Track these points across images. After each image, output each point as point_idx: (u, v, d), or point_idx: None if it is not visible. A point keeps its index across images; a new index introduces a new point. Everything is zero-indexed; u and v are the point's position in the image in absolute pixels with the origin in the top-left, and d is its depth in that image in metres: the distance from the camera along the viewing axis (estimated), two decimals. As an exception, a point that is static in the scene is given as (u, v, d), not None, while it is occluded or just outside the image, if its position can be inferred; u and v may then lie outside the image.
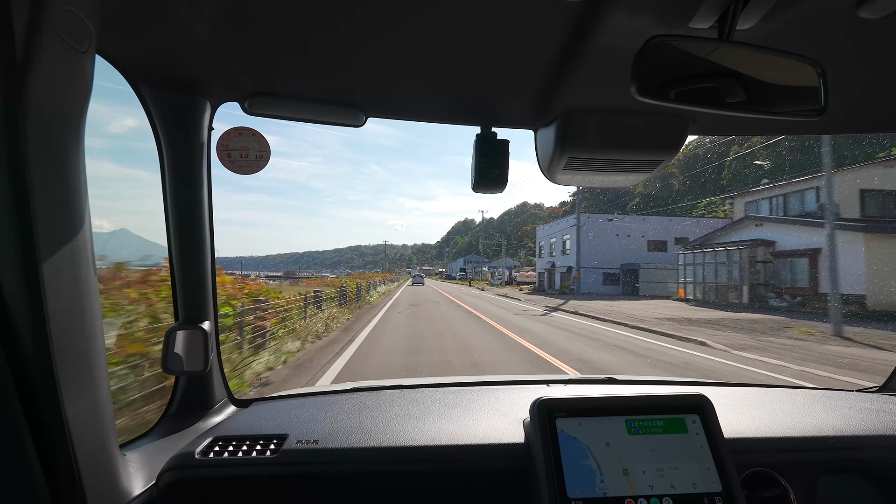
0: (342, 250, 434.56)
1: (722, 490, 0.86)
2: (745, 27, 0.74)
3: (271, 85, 1.05)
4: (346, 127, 1.19)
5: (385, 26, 0.82)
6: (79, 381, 0.67)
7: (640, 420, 0.92)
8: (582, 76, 0.95)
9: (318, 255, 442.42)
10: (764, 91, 0.73)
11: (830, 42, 0.84)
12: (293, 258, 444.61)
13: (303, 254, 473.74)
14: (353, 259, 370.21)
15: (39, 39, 0.57)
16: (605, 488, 0.84)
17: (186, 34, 0.86)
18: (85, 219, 0.68)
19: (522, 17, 0.78)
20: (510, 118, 1.21)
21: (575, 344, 8.92)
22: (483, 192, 1.25)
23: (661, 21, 0.76)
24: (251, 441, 1.00)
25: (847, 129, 1.35)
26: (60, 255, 0.64)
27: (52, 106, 0.61)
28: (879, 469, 1.08)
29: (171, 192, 1.10)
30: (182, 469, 0.92)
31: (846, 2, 0.69)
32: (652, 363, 7.08)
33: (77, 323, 0.67)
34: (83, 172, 0.68)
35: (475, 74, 0.99)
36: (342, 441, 0.99)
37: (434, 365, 6.58)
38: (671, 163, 1.27)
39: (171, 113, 1.06)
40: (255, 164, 1.19)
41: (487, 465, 0.97)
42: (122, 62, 0.95)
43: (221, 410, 1.25)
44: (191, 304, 1.16)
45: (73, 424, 0.65)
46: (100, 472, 0.73)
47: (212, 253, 1.18)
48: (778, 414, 1.17)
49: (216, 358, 1.23)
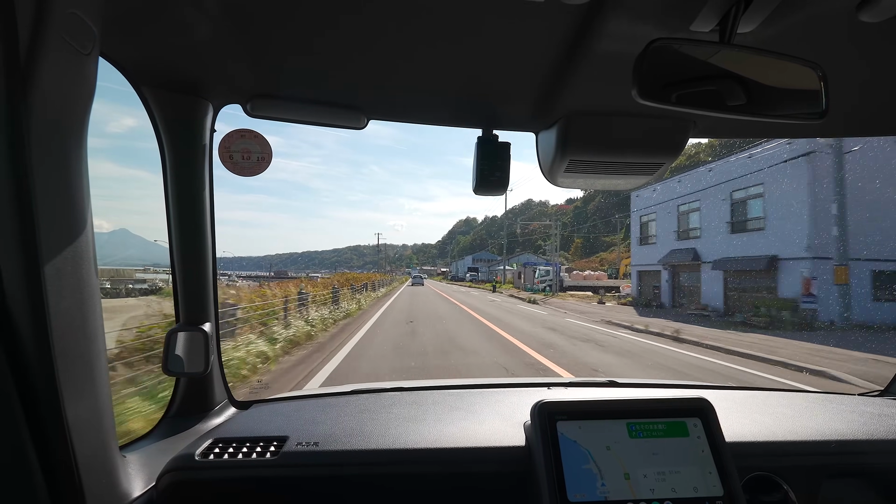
0: (341, 250, 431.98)
1: (723, 494, 0.85)
2: (747, 30, 0.74)
3: (273, 87, 1.06)
4: (348, 129, 1.19)
5: (386, 29, 0.82)
6: (80, 382, 0.67)
7: (642, 423, 0.92)
8: (583, 79, 0.95)
9: (317, 255, 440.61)
10: (765, 94, 0.73)
11: (831, 45, 0.84)
12: (291, 258, 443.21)
13: (301, 254, 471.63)
14: (351, 259, 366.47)
15: (43, 41, 0.57)
16: (605, 492, 0.84)
17: (189, 37, 0.86)
18: (87, 220, 0.69)
19: (524, 20, 0.78)
20: (511, 121, 1.21)
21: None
22: (484, 194, 1.25)
23: (663, 24, 0.76)
24: (251, 443, 1.00)
25: (849, 132, 1.35)
26: (62, 256, 0.64)
27: (55, 108, 0.61)
28: (882, 474, 1.07)
29: (172, 193, 1.10)
30: (182, 471, 0.91)
31: (847, 5, 0.69)
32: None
33: (78, 324, 0.67)
34: (85, 174, 0.68)
35: (476, 77, 0.99)
36: (342, 443, 0.99)
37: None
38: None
39: (173, 115, 1.07)
40: (258, 165, 1.19)
41: (488, 469, 0.97)
42: (125, 64, 0.96)
43: (222, 412, 1.25)
44: (192, 306, 1.16)
45: (73, 425, 0.65)
46: (100, 473, 0.73)
47: (213, 255, 1.18)
48: (779, 418, 1.17)
49: (217, 360, 1.23)
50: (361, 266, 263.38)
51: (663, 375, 6.83)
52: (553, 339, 10.10)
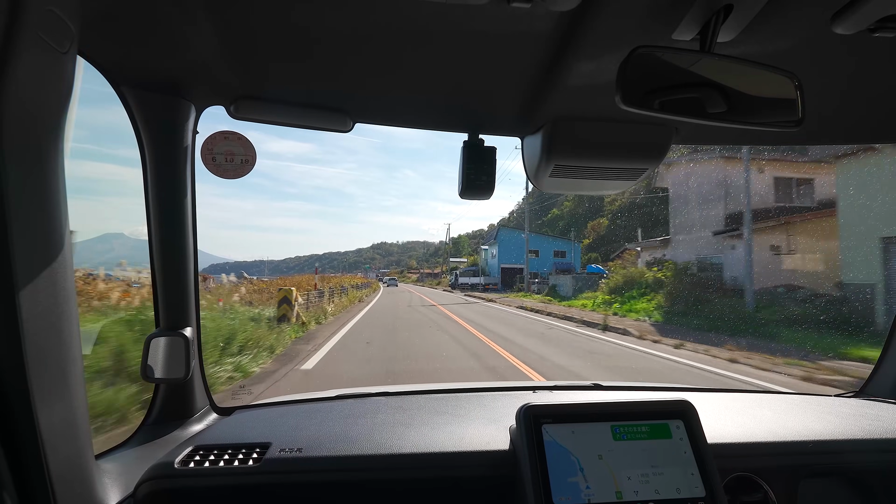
0: (364, 250, 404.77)
1: (706, 495, 0.86)
2: (726, 40, 0.76)
3: (257, 89, 1.05)
4: (334, 132, 1.18)
5: (372, 32, 0.82)
6: (54, 388, 0.65)
7: (626, 426, 0.93)
8: (568, 85, 0.96)
9: (339, 256, 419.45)
10: (744, 102, 0.75)
11: (807, 56, 0.87)
12: (311, 260, 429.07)
13: (322, 255, 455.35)
14: (374, 258, 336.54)
15: (19, 39, 0.56)
16: (590, 494, 0.84)
17: (170, 36, 0.85)
18: (63, 221, 0.67)
19: (509, 25, 0.79)
20: (497, 125, 1.22)
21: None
22: (470, 198, 1.26)
23: (646, 31, 0.78)
24: (233, 450, 0.98)
25: (825, 140, 1.40)
26: (37, 258, 0.62)
27: (31, 107, 0.60)
28: (857, 473, 1.10)
29: (153, 196, 1.08)
30: (161, 479, 0.89)
31: (821, 18, 0.71)
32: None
33: (53, 328, 0.65)
34: (62, 174, 0.66)
35: (462, 82, 1.00)
36: (327, 449, 0.98)
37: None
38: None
39: (154, 116, 1.05)
40: (241, 168, 1.17)
41: (473, 472, 0.97)
42: (105, 63, 0.94)
43: (203, 419, 1.22)
44: (172, 311, 1.14)
45: (46, 433, 0.63)
46: (74, 482, 0.71)
47: (195, 259, 1.16)
48: (759, 419, 1.19)
49: (198, 365, 1.21)
50: (386, 266, 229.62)
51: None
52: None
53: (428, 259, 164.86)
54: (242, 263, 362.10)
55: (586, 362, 7.29)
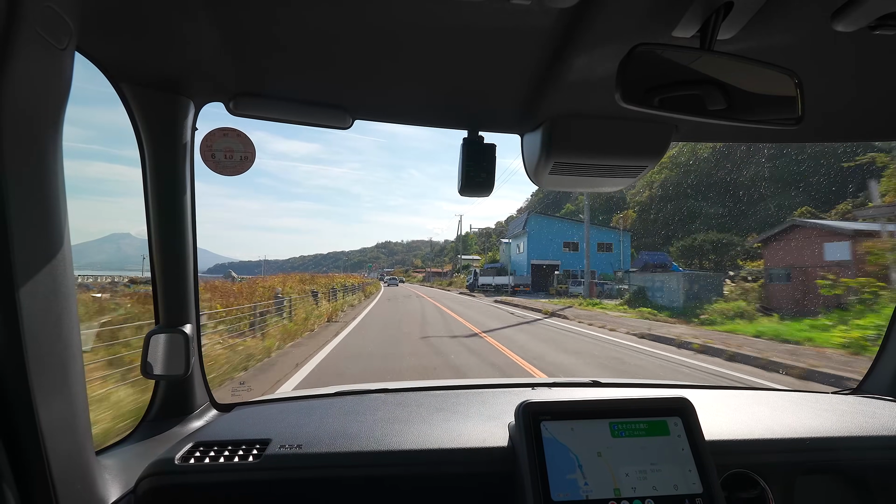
0: (368, 249, 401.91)
1: (703, 492, 0.87)
2: (726, 37, 0.76)
3: (256, 86, 1.04)
4: (333, 128, 1.18)
5: (371, 29, 0.82)
6: (54, 384, 0.65)
7: (624, 423, 0.93)
8: (568, 82, 0.96)
9: (343, 255, 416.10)
10: (744, 100, 0.75)
11: (807, 53, 0.86)
12: (316, 259, 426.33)
13: (326, 254, 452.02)
14: (379, 258, 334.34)
15: (17, 36, 0.56)
16: (588, 491, 0.85)
17: (169, 32, 0.85)
18: (63, 219, 0.67)
19: (509, 22, 0.78)
20: (497, 122, 1.22)
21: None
22: (470, 195, 1.26)
23: (646, 29, 0.78)
24: (233, 446, 0.98)
25: (825, 138, 1.40)
26: (36, 256, 0.62)
27: (28, 104, 0.60)
28: (853, 469, 1.10)
29: (152, 193, 1.08)
30: (161, 475, 0.89)
31: (821, 16, 0.71)
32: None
33: (53, 326, 0.65)
34: (61, 171, 0.66)
35: (461, 78, 1.00)
36: (326, 445, 0.98)
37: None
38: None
39: (153, 113, 1.04)
40: (240, 165, 1.17)
41: (472, 469, 0.97)
42: (103, 60, 0.93)
43: (203, 415, 1.22)
44: (172, 308, 1.14)
45: (46, 429, 0.63)
46: (74, 478, 0.71)
47: (194, 256, 1.16)
48: (757, 416, 1.20)
49: (198, 362, 1.21)
50: (391, 265, 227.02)
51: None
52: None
53: (433, 258, 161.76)
54: (247, 263, 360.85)
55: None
